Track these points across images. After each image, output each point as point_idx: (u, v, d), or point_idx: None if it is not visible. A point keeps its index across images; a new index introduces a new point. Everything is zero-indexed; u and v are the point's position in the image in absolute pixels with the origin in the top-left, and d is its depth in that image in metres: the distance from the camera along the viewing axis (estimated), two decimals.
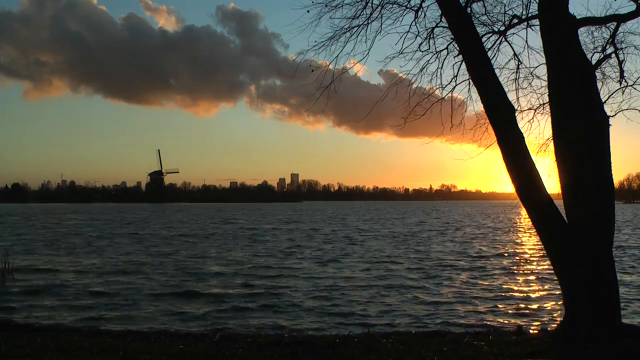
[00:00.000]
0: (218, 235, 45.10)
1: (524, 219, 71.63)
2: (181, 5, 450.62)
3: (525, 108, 10.26)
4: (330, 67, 10.17)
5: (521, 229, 54.13)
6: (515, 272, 22.81)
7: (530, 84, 10.33)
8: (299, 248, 33.44)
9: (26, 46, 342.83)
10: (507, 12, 9.99)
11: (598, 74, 9.29)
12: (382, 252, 30.45)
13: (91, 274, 21.74)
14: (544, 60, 9.18)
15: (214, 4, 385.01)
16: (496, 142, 9.19)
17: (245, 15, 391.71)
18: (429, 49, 10.23)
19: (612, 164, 8.68)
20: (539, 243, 28.09)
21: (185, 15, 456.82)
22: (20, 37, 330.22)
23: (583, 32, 9.38)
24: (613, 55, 9.56)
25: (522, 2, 9.86)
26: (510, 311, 14.91)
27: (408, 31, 10.11)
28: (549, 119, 9.02)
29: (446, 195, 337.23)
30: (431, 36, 10.16)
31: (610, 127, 8.73)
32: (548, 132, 9.44)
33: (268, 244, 36.57)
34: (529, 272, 22.77)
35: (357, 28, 9.97)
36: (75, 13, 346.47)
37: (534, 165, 9.04)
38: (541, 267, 23.64)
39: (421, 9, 10.00)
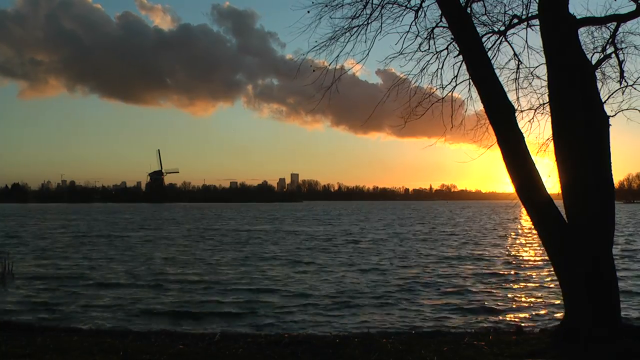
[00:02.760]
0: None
1: (523, 219, 71.62)
2: (176, 4, 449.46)
3: (525, 108, 10.27)
4: (331, 67, 10.18)
5: (521, 229, 54.12)
6: (515, 272, 22.81)
7: (530, 84, 10.35)
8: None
9: (21, 45, 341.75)
10: (507, 12, 10.01)
11: (598, 74, 9.29)
12: (383, 253, 30.47)
13: (90, 275, 21.75)
14: (544, 60, 9.19)
15: (210, 3, 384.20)
16: (496, 142, 9.19)
17: (241, 14, 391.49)
18: (429, 49, 10.24)
19: (612, 164, 8.69)
20: (539, 243, 28.10)
21: (180, 14, 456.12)
22: (15, 36, 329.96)
23: (583, 32, 9.39)
24: (613, 55, 9.56)
25: (522, 2, 9.88)
26: (510, 311, 14.93)
27: (408, 31, 10.13)
28: (549, 119, 9.03)
29: (446, 195, 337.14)
30: (431, 36, 10.16)
31: (610, 127, 8.75)
32: (548, 132, 9.45)
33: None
34: (529, 272, 22.76)
35: (357, 28, 9.98)
36: (70, 11, 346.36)
37: (534, 165, 9.04)
38: (541, 267, 23.64)
39: (421, 9, 10.01)
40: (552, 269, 9.59)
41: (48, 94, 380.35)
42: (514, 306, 15.59)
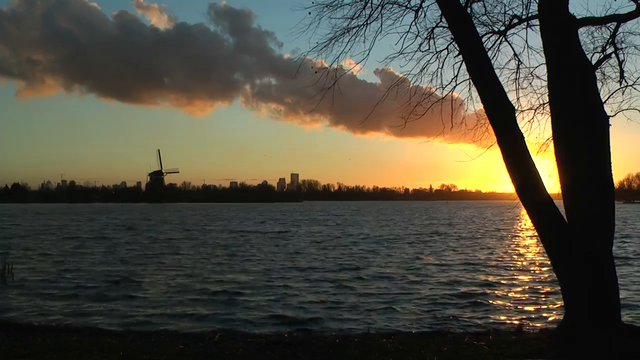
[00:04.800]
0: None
1: (523, 219, 71.65)
2: (173, 3, 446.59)
3: (525, 108, 10.27)
4: (332, 67, 10.17)
5: (521, 229, 54.14)
6: (515, 272, 22.81)
7: (530, 84, 10.34)
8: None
9: (17, 45, 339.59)
10: (507, 12, 10.00)
11: (598, 74, 9.29)
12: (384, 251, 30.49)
13: (90, 275, 21.76)
14: (544, 60, 9.19)
15: (206, 2, 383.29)
16: (496, 142, 9.19)
17: (238, 14, 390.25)
18: (429, 49, 10.23)
19: (612, 164, 8.69)
20: (539, 243, 28.11)
21: (177, 14, 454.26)
22: (12, 36, 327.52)
23: (583, 32, 9.39)
24: (613, 55, 9.56)
25: (522, 2, 9.88)
26: (510, 311, 14.92)
27: (408, 31, 10.12)
28: (549, 119, 9.03)
29: (446, 195, 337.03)
30: (431, 36, 10.16)
31: (610, 127, 8.75)
32: (548, 132, 9.45)
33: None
34: (529, 272, 22.77)
35: (357, 28, 9.97)
36: (67, 11, 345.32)
37: (534, 165, 9.04)
38: (541, 267, 23.65)
39: (421, 9, 10.00)
40: (552, 269, 9.59)
41: (45, 94, 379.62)
42: (514, 306, 15.57)
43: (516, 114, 9.22)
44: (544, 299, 16.56)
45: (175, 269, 23.47)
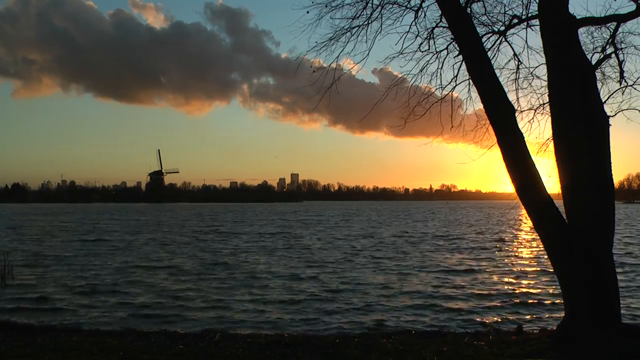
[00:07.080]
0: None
1: (523, 219, 71.63)
2: (169, 2, 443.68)
3: (525, 108, 10.25)
4: (331, 67, 10.16)
5: (522, 229, 54.13)
6: (515, 272, 22.83)
7: (530, 84, 10.32)
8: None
9: (13, 44, 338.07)
10: (507, 12, 9.98)
11: (598, 74, 9.27)
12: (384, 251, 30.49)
13: (90, 275, 21.76)
14: (544, 60, 9.18)
15: (202, 1, 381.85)
16: (496, 142, 9.19)
17: (234, 13, 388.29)
18: (429, 49, 10.21)
19: (612, 164, 8.69)
20: (538, 243, 28.11)
21: (173, 13, 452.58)
22: (7, 35, 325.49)
23: (583, 32, 9.38)
24: (613, 55, 9.55)
25: (522, 2, 9.86)
26: (510, 311, 14.93)
27: (408, 31, 10.10)
28: (549, 119, 9.02)
29: (446, 195, 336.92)
30: (431, 36, 10.14)
31: (610, 127, 8.75)
32: (548, 132, 9.44)
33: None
34: (529, 272, 22.78)
35: (357, 28, 9.96)
36: (62, 10, 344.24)
37: (534, 165, 9.03)
38: (541, 267, 23.65)
39: (421, 9, 9.99)
40: (552, 269, 9.59)
41: (43, 93, 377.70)
42: (514, 306, 15.58)
43: (516, 114, 9.23)
44: (544, 299, 16.56)
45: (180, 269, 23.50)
